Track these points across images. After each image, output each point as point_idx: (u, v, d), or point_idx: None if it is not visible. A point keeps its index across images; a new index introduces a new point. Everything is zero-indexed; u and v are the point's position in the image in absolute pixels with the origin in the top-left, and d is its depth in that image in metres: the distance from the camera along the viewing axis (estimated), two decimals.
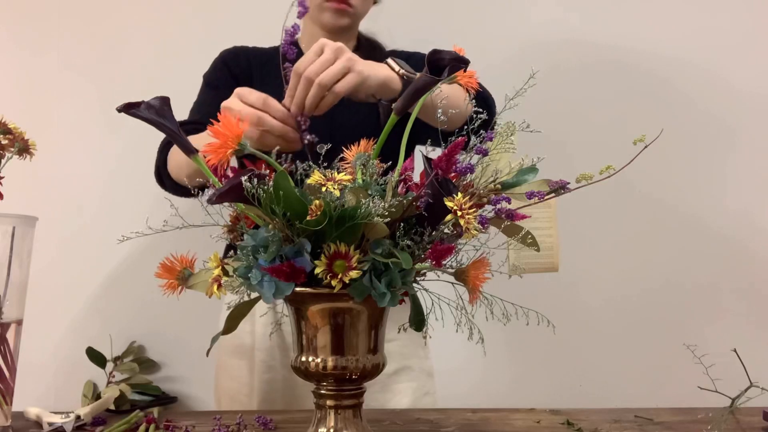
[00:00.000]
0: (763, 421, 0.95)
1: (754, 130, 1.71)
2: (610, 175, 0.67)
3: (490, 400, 1.24)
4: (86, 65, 1.73)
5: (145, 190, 1.67)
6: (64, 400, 1.53)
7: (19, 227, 0.85)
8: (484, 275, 0.69)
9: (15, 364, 0.86)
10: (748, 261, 1.70)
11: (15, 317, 0.85)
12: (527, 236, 0.73)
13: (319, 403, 0.73)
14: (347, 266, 0.63)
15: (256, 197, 0.62)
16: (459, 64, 0.73)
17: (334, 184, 0.67)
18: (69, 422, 0.90)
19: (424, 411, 1.05)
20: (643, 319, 1.70)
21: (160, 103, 0.69)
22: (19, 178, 0.90)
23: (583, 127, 1.69)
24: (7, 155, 0.85)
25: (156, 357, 1.73)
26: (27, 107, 1.70)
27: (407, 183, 0.72)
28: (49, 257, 1.62)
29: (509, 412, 1.02)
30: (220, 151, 0.65)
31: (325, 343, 0.71)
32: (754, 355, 0.98)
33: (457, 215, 0.64)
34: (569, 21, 1.72)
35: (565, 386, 1.67)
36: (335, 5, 1.20)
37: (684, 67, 1.71)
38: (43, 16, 1.74)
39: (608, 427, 0.93)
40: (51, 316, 1.68)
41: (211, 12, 1.73)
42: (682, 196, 1.71)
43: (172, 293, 0.74)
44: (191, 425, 0.92)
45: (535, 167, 0.74)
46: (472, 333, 0.72)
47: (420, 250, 0.66)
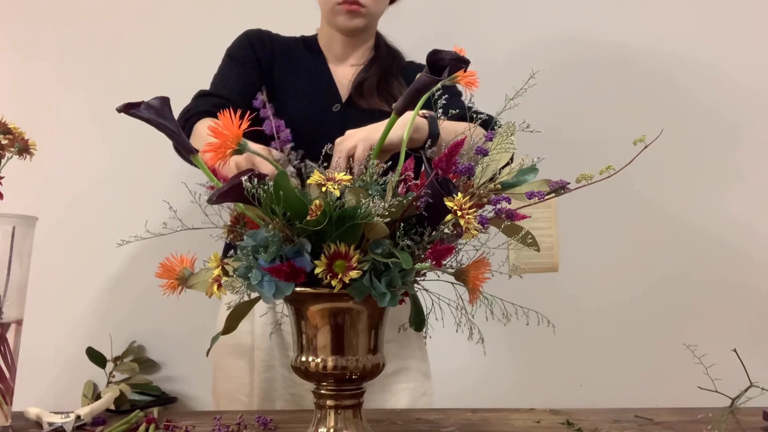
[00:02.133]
0: (763, 421, 0.95)
1: (754, 130, 1.71)
2: (610, 175, 0.67)
3: (490, 400, 1.23)
4: (86, 65, 1.73)
5: (145, 190, 1.67)
6: (64, 400, 1.53)
7: (19, 227, 0.85)
8: (484, 275, 0.69)
9: (15, 364, 0.86)
10: (748, 261, 1.70)
11: (15, 317, 0.85)
12: (527, 236, 0.73)
13: (319, 403, 0.73)
14: (347, 266, 0.63)
15: (256, 197, 0.62)
16: (459, 64, 0.73)
17: (334, 184, 0.67)
18: (69, 422, 0.89)
19: (424, 411, 1.05)
20: (643, 319, 1.70)
21: (160, 103, 0.68)
22: (19, 178, 0.90)
23: (583, 127, 1.69)
24: (7, 155, 0.85)
25: (156, 357, 1.73)
26: (27, 107, 1.70)
27: (407, 183, 0.72)
28: (49, 257, 1.62)
29: (509, 412, 1.02)
30: (220, 151, 0.65)
31: (325, 343, 0.71)
32: (754, 355, 0.98)
33: (457, 215, 0.64)
34: (571, 19, 1.72)
35: (565, 386, 1.67)
36: (347, 7, 1.20)
37: (685, 65, 1.71)
38: (43, 16, 1.74)
39: (608, 427, 0.93)
40: (51, 316, 1.68)
41: (211, 12, 1.73)
42: (682, 196, 1.71)
43: (172, 293, 0.74)
44: (191, 425, 0.92)
45: (535, 167, 0.74)
46: (472, 333, 0.72)
47: (420, 250, 0.66)
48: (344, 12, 1.21)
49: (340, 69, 1.30)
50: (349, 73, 1.28)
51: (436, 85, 0.72)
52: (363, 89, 1.24)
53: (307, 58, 1.30)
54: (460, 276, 0.70)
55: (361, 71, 1.27)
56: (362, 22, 1.24)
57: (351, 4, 1.20)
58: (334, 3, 1.21)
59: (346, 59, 1.30)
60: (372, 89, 1.24)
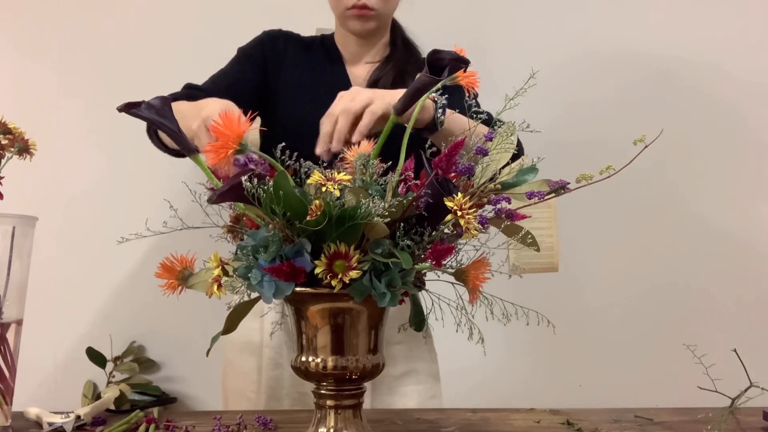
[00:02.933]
0: (763, 421, 0.95)
1: (754, 130, 1.71)
2: (610, 175, 0.67)
3: (490, 400, 1.23)
4: (86, 65, 1.73)
5: (145, 189, 1.68)
6: (64, 400, 1.53)
7: (19, 227, 0.85)
8: (484, 275, 0.69)
9: (15, 364, 0.86)
10: (748, 261, 1.70)
11: (15, 317, 0.85)
12: (527, 236, 0.73)
13: (319, 403, 0.73)
14: (347, 266, 0.63)
15: (256, 197, 0.62)
16: (459, 64, 0.73)
17: (334, 184, 0.67)
18: (69, 422, 0.89)
19: (424, 411, 1.05)
20: (643, 319, 1.70)
21: (161, 102, 0.68)
22: (19, 178, 0.90)
23: (584, 127, 1.69)
24: (7, 155, 0.85)
25: (156, 357, 1.73)
26: (27, 107, 1.70)
27: (407, 183, 0.72)
28: (49, 258, 1.62)
29: (509, 412, 1.02)
30: (221, 151, 0.65)
31: (325, 343, 0.71)
32: (754, 355, 0.98)
33: (457, 215, 0.64)
34: (571, 19, 1.72)
35: (565, 386, 1.67)
36: (356, 12, 1.22)
37: (685, 65, 1.71)
38: (44, 17, 1.74)
39: (608, 427, 0.93)
40: (51, 316, 1.68)
41: (211, 12, 1.73)
42: (682, 196, 1.71)
43: (172, 293, 0.74)
44: (191, 425, 0.92)
45: (535, 167, 0.74)
46: (472, 333, 0.72)
47: (420, 250, 0.66)
48: (354, 17, 1.23)
49: (355, 68, 1.32)
50: (365, 71, 1.30)
51: (436, 86, 0.72)
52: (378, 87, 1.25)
53: (323, 57, 1.32)
54: (460, 276, 0.70)
55: (376, 69, 1.29)
56: (373, 25, 1.26)
57: (360, 9, 1.22)
58: (344, 8, 1.23)
59: (361, 57, 1.32)
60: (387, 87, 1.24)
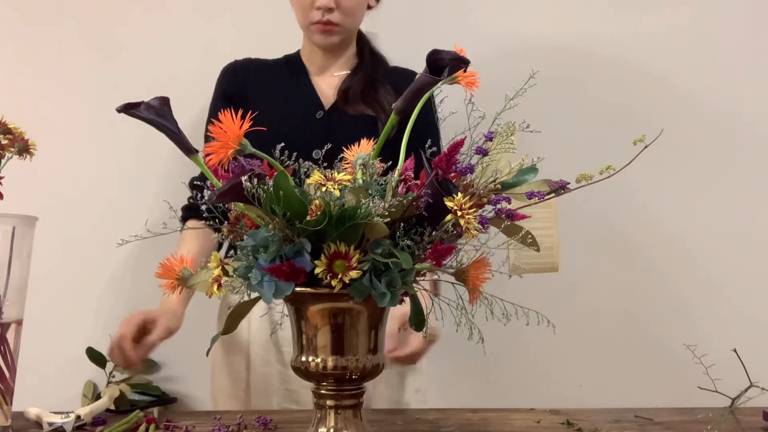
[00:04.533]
0: (763, 421, 0.95)
1: (754, 130, 1.71)
2: (610, 175, 0.67)
3: (490, 400, 1.23)
4: (86, 65, 1.73)
5: (145, 189, 1.68)
6: (64, 400, 1.53)
7: (19, 227, 0.85)
8: (484, 275, 0.69)
9: (15, 364, 0.86)
10: (748, 260, 1.70)
11: (15, 317, 0.85)
12: (527, 236, 0.73)
13: (319, 403, 0.73)
14: (347, 266, 0.63)
15: (256, 197, 0.62)
16: (459, 64, 0.72)
17: (334, 184, 0.67)
18: (69, 422, 0.90)
19: (423, 411, 1.05)
20: (643, 319, 1.70)
21: (160, 103, 0.68)
22: (19, 178, 0.90)
23: (584, 127, 1.69)
24: (7, 155, 0.85)
25: (156, 357, 1.72)
26: (27, 107, 1.70)
27: (407, 183, 0.72)
28: (49, 257, 1.62)
29: (509, 412, 1.02)
30: (220, 152, 0.65)
31: (325, 343, 0.71)
32: (754, 355, 0.98)
33: (457, 215, 0.64)
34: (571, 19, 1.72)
35: (565, 386, 1.67)
36: (321, 27, 1.26)
37: (686, 65, 1.71)
38: (43, 16, 1.74)
39: (608, 427, 0.93)
40: (51, 316, 1.68)
41: (211, 13, 1.73)
42: (681, 195, 1.71)
43: (172, 293, 0.74)
44: (191, 425, 0.92)
45: (535, 167, 0.74)
46: (472, 333, 0.72)
47: (420, 250, 0.66)
48: (319, 31, 1.26)
49: (322, 79, 1.35)
50: (333, 82, 1.33)
51: (436, 86, 0.72)
52: (348, 96, 1.29)
53: (287, 74, 1.36)
54: (460, 276, 0.70)
55: (346, 78, 1.32)
56: (337, 39, 1.29)
57: (324, 24, 1.25)
58: (309, 23, 1.26)
59: (327, 69, 1.35)
60: (357, 95, 1.29)
